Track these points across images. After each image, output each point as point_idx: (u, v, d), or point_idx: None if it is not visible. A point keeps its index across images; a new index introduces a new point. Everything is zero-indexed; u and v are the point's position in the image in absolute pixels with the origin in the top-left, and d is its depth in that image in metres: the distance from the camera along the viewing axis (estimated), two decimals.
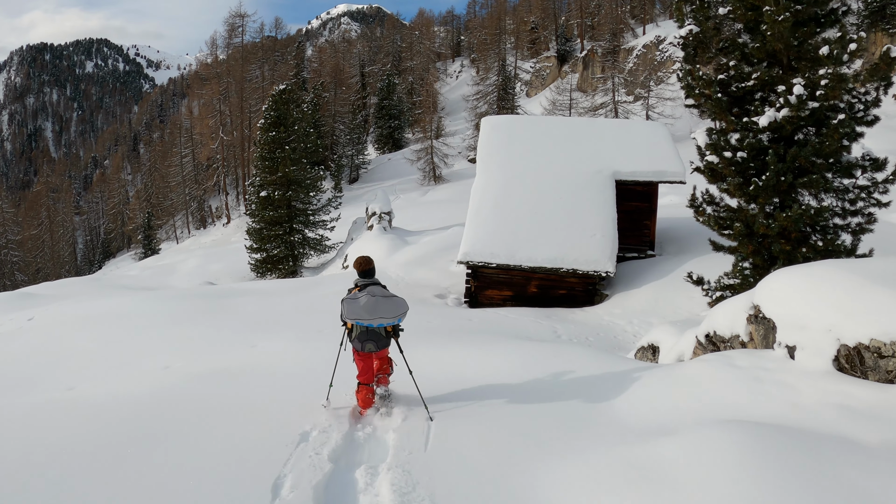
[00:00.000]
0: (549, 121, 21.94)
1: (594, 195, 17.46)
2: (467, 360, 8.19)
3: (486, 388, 6.91)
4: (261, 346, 10.43)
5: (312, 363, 8.54)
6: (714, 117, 11.92)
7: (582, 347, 9.36)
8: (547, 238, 16.61)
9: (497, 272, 17.22)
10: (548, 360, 7.84)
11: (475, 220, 17.44)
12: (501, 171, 18.47)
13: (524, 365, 7.70)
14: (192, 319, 13.92)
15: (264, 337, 11.20)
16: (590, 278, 16.57)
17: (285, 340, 10.66)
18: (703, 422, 4.84)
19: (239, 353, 10.04)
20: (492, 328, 12.77)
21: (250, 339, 11.05)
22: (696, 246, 19.22)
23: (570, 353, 8.10)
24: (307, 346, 10.03)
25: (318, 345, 10.07)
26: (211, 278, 38.50)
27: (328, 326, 11.99)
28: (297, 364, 8.64)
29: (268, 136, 34.52)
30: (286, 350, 9.78)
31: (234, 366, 8.70)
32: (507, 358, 8.16)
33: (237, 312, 14.65)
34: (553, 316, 15.07)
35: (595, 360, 7.59)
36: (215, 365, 8.99)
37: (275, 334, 11.37)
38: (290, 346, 10.15)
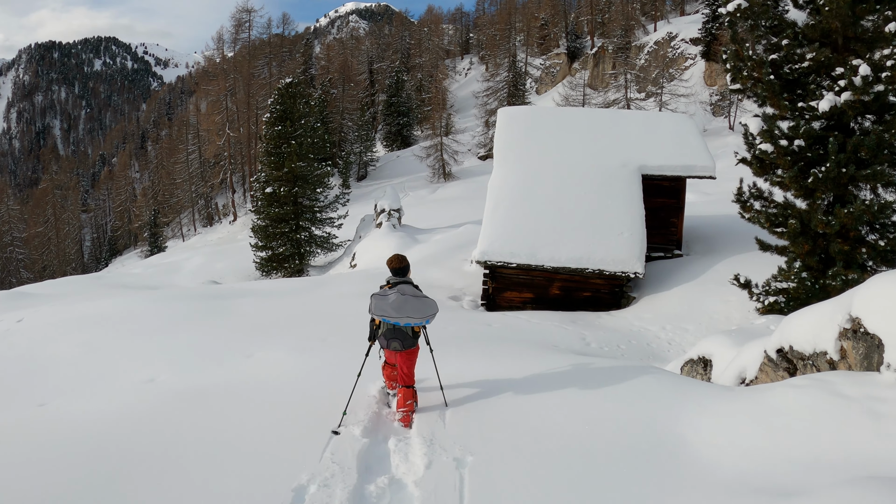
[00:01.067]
0: (570, 112, 20.74)
1: (620, 190, 16.26)
2: (498, 377, 7.04)
3: (528, 417, 5.74)
4: (257, 357, 9.33)
5: (313, 380, 7.46)
6: (764, 102, 10.73)
7: (633, 364, 8.15)
8: (571, 236, 15.44)
9: (517, 273, 16.04)
10: (596, 377, 6.71)
11: (493, 216, 16.30)
12: (520, 165, 17.28)
13: (568, 383, 6.55)
14: (187, 323, 12.84)
15: (262, 345, 10.09)
16: (617, 280, 15.39)
17: (284, 350, 9.56)
18: (837, 479, 3.66)
19: (232, 364, 8.96)
20: (515, 335, 11.62)
21: (246, 348, 9.95)
22: (725, 245, 18.05)
23: (619, 371, 6.92)
24: (308, 358, 8.94)
25: (321, 356, 9.00)
26: (215, 277, 37.56)
27: (332, 334, 10.91)
28: (295, 381, 7.53)
29: (273, 131, 33.45)
30: (284, 362, 8.68)
31: (224, 381, 7.60)
32: (545, 375, 7.01)
33: (236, 315, 13.57)
34: (579, 321, 13.90)
35: (654, 381, 6.39)
36: (204, 380, 7.91)
37: (273, 342, 10.26)
38: (290, 357, 9.04)
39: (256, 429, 5.70)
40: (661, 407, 5.61)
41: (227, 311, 14.11)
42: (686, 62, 67.39)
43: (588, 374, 7.06)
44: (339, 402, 6.22)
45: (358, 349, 8.86)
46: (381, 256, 25.86)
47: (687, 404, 5.54)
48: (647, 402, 5.79)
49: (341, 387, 6.56)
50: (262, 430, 5.69)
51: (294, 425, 5.82)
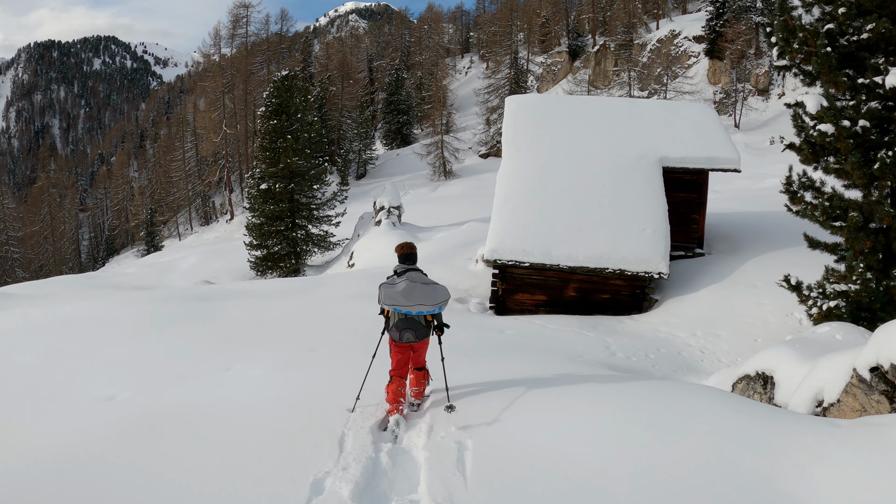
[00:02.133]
0: (583, 100, 19.39)
1: (640, 183, 14.95)
2: (524, 404, 5.76)
3: (572, 464, 4.43)
4: (235, 371, 8.04)
5: (297, 404, 6.21)
6: (813, 80, 9.45)
7: (686, 384, 6.78)
8: (588, 233, 14.13)
9: (529, 273, 14.70)
10: (648, 403, 5.43)
11: (503, 211, 14.97)
12: (531, 156, 15.95)
13: (616, 411, 5.27)
14: (165, 328, 11.55)
15: (244, 355, 8.79)
16: (639, 280, 14.08)
17: (268, 363, 8.27)
18: None
19: (206, 379, 7.68)
20: (532, 343, 10.33)
21: (226, 359, 8.65)
22: (749, 244, 16.80)
23: (675, 394, 5.61)
24: (294, 375, 7.65)
25: (309, 372, 7.73)
26: (209, 276, 36.33)
27: (324, 342, 9.62)
28: (275, 405, 6.26)
29: (269, 125, 32.10)
30: (266, 379, 7.41)
31: (191, 402, 6.36)
32: (583, 399, 5.73)
33: (221, 319, 12.27)
34: (599, 326, 12.60)
35: (727, 409, 5.09)
36: (169, 399, 6.66)
37: (257, 352, 8.97)
38: (273, 372, 7.75)
39: (216, 475, 4.41)
40: (748, 448, 4.31)
41: (212, 315, 12.82)
42: (689, 60, 66.79)
43: (636, 396, 5.77)
44: (324, 437, 4.97)
45: (353, 362, 7.64)
46: (380, 255, 24.60)
47: (787, 447, 4.24)
48: (725, 439, 4.48)
49: (329, 416, 5.31)
50: (223, 477, 4.39)
51: (265, 469, 4.53)
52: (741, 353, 11.16)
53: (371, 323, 8.93)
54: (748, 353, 11.16)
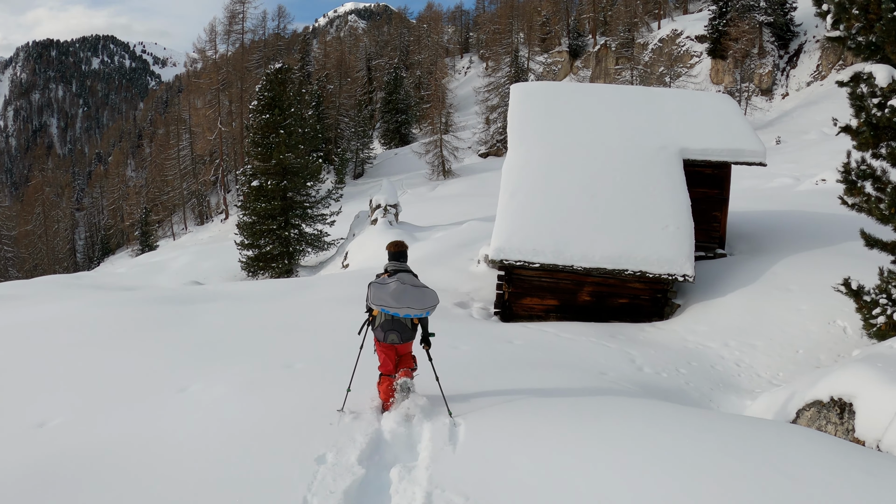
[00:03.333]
0: (595, 88, 18.06)
1: (660, 177, 13.61)
2: (549, 449, 4.43)
3: None
4: (191, 392, 6.71)
5: (258, 431, 4.91)
6: (872, 54, 8.15)
7: (773, 430, 5.27)
8: (606, 230, 12.78)
9: (539, 275, 13.27)
10: (727, 455, 4.10)
11: (509, 206, 13.43)
12: (541, 146, 14.56)
13: (687, 473, 3.93)
14: (130, 335, 10.24)
15: (206, 372, 7.47)
16: (661, 283, 12.73)
17: (231, 383, 6.94)
18: None
19: (155, 402, 6.39)
20: (547, 357, 8.99)
21: (184, 376, 7.33)
22: (775, 244, 15.52)
23: (757, 439, 4.27)
24: (260, 398, 6.33)
25: (279, 396, 6.41)
26: (200, 277, 35.10)
27: (303, 356, 8.28)
28: (227, 443, 4.94)
29: (261, 119, 30.73)
30: (226, 402, 6.12)
31: (129, 435, 5.13)
32: (622, 445, 4.40)
33: (194, 325, 10.96)
34: (619, 335, 11.28)
35: (834, 462, 3.79)
36: (106, 431, 5.44)
37: (223, 367, 7.65)
38: (235, 394, 6.44)
39: None
40: None
41: (186, 320, 11.51)
42: (692, 59, 66.09)
43: (697, 442, 4.43)
44: (291, 496, 3.62)
45: (332, 384, 6.36)
46: (375, 255, 23.28)
47: None
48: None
49: (293, 464, 3.96)
50: None
51: None
52: (782, 366, 9.86)
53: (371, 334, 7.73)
54: (790, 366, 9.87)
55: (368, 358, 6.51)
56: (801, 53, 60.26)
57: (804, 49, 59.88)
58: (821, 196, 23.94)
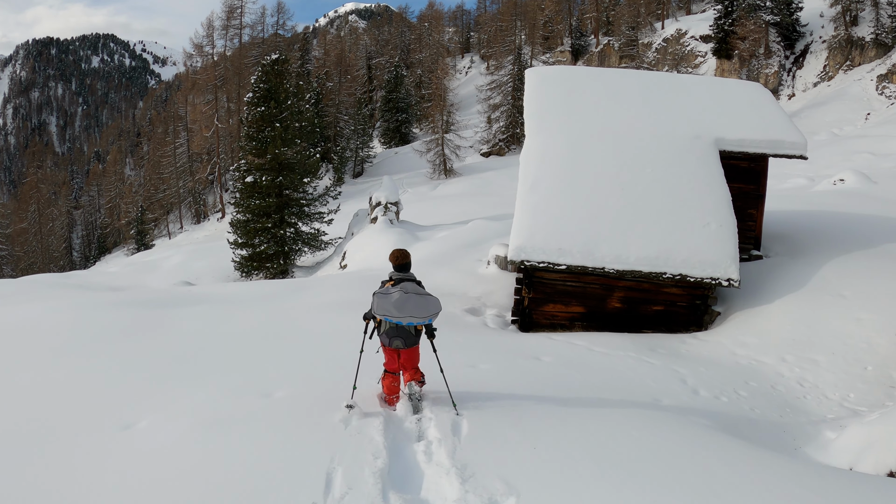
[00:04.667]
0: (618, 73, 16.57)
1: (697, 169, 12.13)
2: None
3: None
4: (138, 429, 5.28)
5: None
6: None
7: None
8: (641, 228, 11.30)
9: (564, 278, 11.68)
10: None
11: (530, 200, 11.80)
12: (562, 134, 13.00)
13: None
14: (94, 345, 8.86)
15: (164, 399, 6.02)
16: (701, 288, 11.28)
17: (192, 414, 5.52)
18: None
19: (86, 446, 5.00)
20: (585, 378, 7.54)
21: (136, 405, 5.88)
22: (814, 246, 14.11)
23: None
24: (223, 446, 4.88)
25: (248, 443, 4.94)
26: (192, 277, 33.73)
27: (287, 380, 6.82)
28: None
29: (256, 112, 29.28)
30: (173, 451, 4.71)
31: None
32: None
33: (168, 335, 9.55)
34: (659, 348, 9.83)
35: None
36: (11, 486, 3.90)
37: (187, 392, 6.21)
38: (189, 438, 4.99)
39: None
40: None
41: (161, 327, 10.11)
42: (696, 59, 65.29)
43: None
44: None
45: (320, 427, 4.94)
46: (375, 255, 21.88)
47: None
48: None
49: None
50: None
51: None
52: (851, 386, 8.44)
53: (369, 346, 6.36)
54: (860, 386, 8.45)
55: (371, 357, 6.44)
56: (807, 54, 59.55)
57: (810, 49, 59.09)
58: (842, 197, 22.78)
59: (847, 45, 55.85)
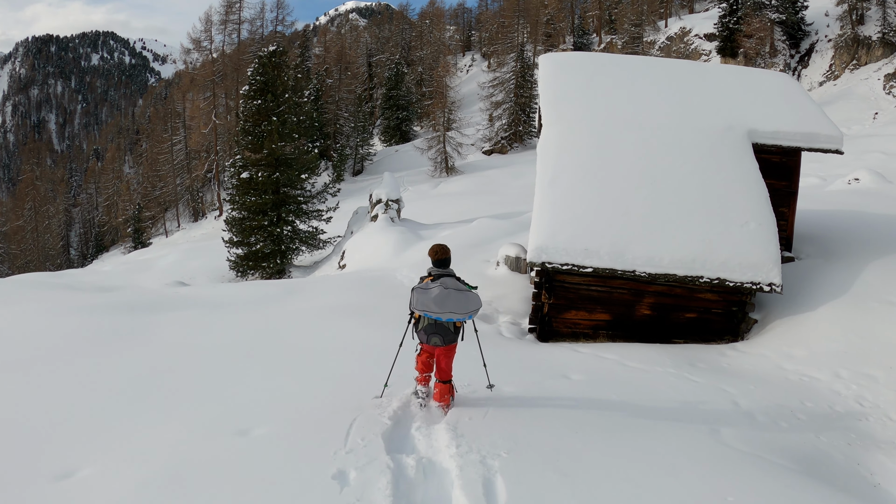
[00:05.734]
0: (638, 60, 15.44)
1: (730, 162, 11.01)
2: None
3: None
4: (76, 481, 4.18)
5: None
6: None
7: None
8: (675, 227, 10.18)
9: (589, 282, 10.43)
10: None
11: (550, 195, 10.65)
12: (583, 124, 11.85)
13: None
14: (58, 358, 7.83)
15: (116, 437, 4.90)
16: (739, 294, 10.19)
17: (146, 460, 4.41)
18: None
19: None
20: (624, 401, 6.45)
21: (80, 447, 4.75)
22: (845, 247, 13.07)
23: None
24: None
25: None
26: (186, 276, 32.72)
27: (270, 413, 5.66)
28: None
29: (252, 106, 28.19)
30: None
31: None
32: None
33: (144, 346, 8.49)
34: (697, 361, 8.75)
35: None
36: None
37: (147, 426, 5.11)
38: (137, 497, 3.89)
39: None
40: None
41: (132, 338, 9.05)
42: (700, 58, 64.56)
43: None
44: None
45: (316, 468, 3.83)
46: (375, 255, 20.85)
47: None
48: None
49: None
50: None
51: None
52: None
53: (361, 363, 5.28)
54: None
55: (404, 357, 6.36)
56: (812, 53, 58.82)
57: (816, 48, 58.34)
58: (858, 196, 21.87)
59: (853, 45, 54.98)
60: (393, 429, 5.16)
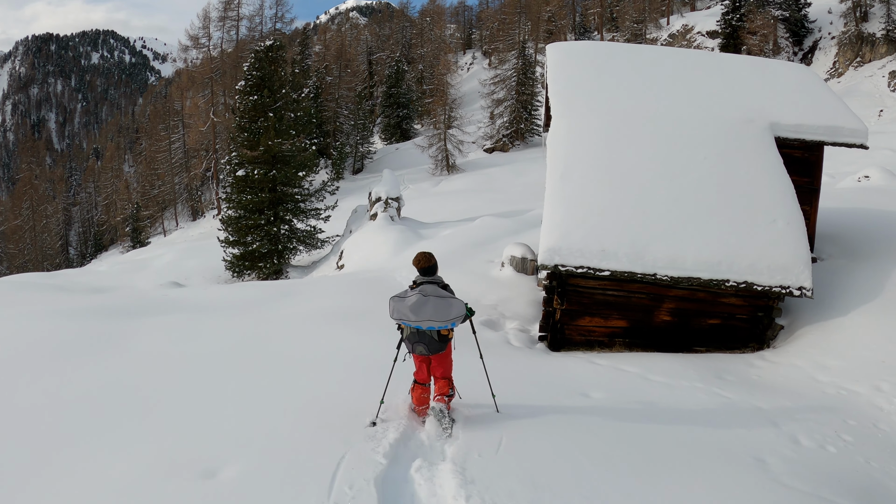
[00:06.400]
0: (650, 50, 14.65)
1: (753, 156, 10.24)
2: None
3: None
4: None
5: None
6: None
7: None
8: (697, 226, 9.37)
9: (605, 286, 9.55)
10: None
11: (562, 190, 9.83)
12: (595, 115, 11.09)
13: None
14: (23, 371, 7.09)
15: (57, 475, 4.21)
16: (766, 298, 9.45)
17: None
18: None
19: None
20: (660, 429, 5.66)
21: (16, 489, 4.03)
22: (869, 247, 12.35)
23: None
24: None
25: None
26: (182, 276, 32.06)
27: (249, 441, 4.92)
28: None
29: (248, 101, 27.44)
30: None
31: None
32: None
33: (119, 356, 7.78)
34: (725, 374, 8.00)
35: None
36: None
37: (94, 468, 4.37)
38: None
39: None
40: None
41: (105, 348, 8.33)
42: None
43: None
44: None
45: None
46: (374, 255, 20.14)
47: None
48: None
49: None
50: None
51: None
52: None
53: (352, 376, 4.55)
54: None
55: (402, 367, 6.19)
56: (815, 50, 58.34)
57: (819, 46, 57.84)
58: (870, 194, 21.25)
59: (857, 42, 54.33)
60: (388, 470, 4.42)
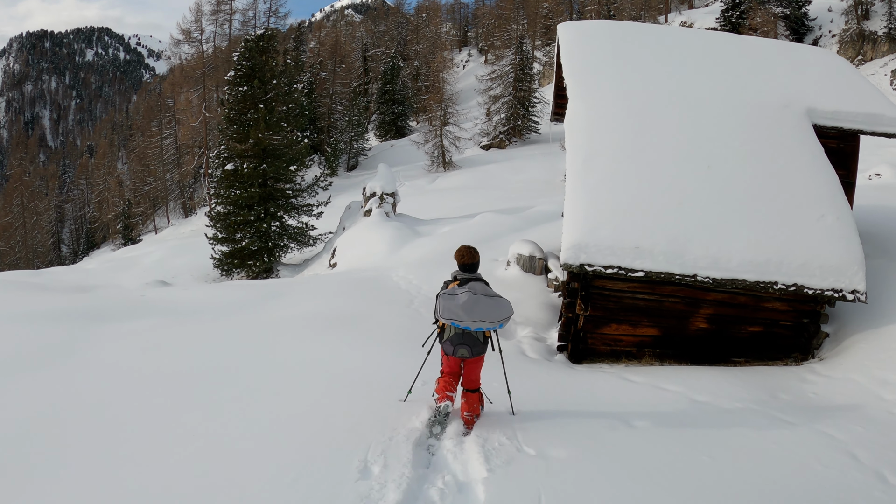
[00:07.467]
0: (671, 30, 13.60)
1: (793, 144, 9.14)
2: None
3: None
4: None
5: None
6: None
7: None
8: (738, 222, 8.26)
9: (635, 288, 8.49)
10: None
11: (586, 180, 8.68)
12: (616, 97, 10.04)
13: None
14: None
15: None
16: (813, 303, 8.39)
17: None
18: None
19: None
20: (723, 472, 4.65)
21: None
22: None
23: None
24: None
25: None
26: (170, 275, 31.03)
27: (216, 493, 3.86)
28: None
29: (237, 92, 26.28)
30: None
31: None
32: None
33: (74, 369, 6.76)
34: (777, 391, 6.89)
35: None
36: None
37: None
38: None
39: None
40: None
41: (61, 361, 7.30)
42: None
43: None
44: None
45: None
46: (368, 253, 19.07)
47: None
48: None
49: None
50: None
51: None
52: None
53: (335, 402, 3.50)
54: None
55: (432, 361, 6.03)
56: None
57: (820, 44, 57.13)
58: (883, 191, 20.57)
59: (859, 40, 53.53)
60: None
